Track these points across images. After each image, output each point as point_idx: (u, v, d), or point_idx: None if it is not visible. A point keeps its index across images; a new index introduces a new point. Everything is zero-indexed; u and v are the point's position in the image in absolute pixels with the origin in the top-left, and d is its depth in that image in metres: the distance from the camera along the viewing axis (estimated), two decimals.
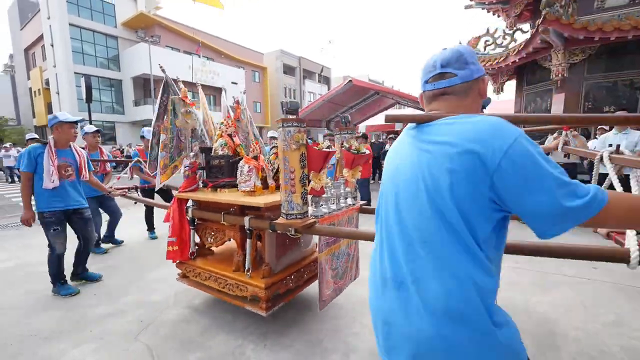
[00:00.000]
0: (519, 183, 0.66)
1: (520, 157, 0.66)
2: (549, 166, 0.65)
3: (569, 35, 6.23)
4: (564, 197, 0.63)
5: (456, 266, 0.70)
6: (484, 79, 0.86)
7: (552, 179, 0.65)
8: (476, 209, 0.69)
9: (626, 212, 0.66)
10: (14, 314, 2.34)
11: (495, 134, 0.68)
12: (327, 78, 38.07)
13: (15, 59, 30.11)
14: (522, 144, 0.67)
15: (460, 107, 0.82)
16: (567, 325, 2.07)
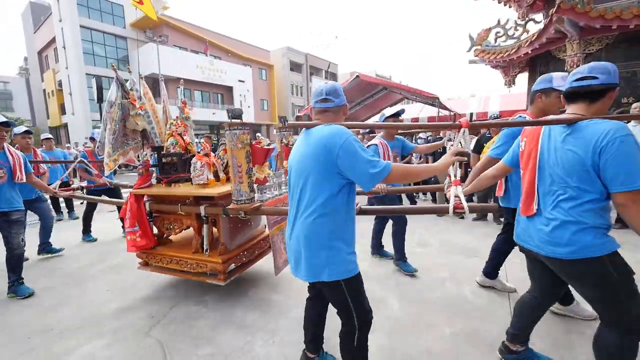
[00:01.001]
0: (352, 162, 1.22)
1: (348, 148, 1.22)
2: (364, 153, 1.23)
3: (585, 24, 6.01)
4: (370, 168, 1.21)
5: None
6: (346, 106, 1.48)
7: (363, 160, 1.22)
8: (328, 177, 1.27)
9: (401, 175, 1.28)
10: (28, 310, 2.41)
11: (335, 135, 1.24)
12: (334, 74, 37.84)
13: (30, 61, 30.90)
14: (349, 141, 1.23)
15: (333, 120, 1.39)
16: (583, 323, 2.01)
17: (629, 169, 1.13)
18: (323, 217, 1.28)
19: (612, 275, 1.25)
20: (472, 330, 1.97)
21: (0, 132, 2.65)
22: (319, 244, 1.29)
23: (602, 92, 1.26)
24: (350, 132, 1.27)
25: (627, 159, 1.13)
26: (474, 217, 4.58)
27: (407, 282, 2.69)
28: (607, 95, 1.27)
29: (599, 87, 1.25)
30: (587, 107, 1.30)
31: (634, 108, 3.82)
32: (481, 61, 8.66)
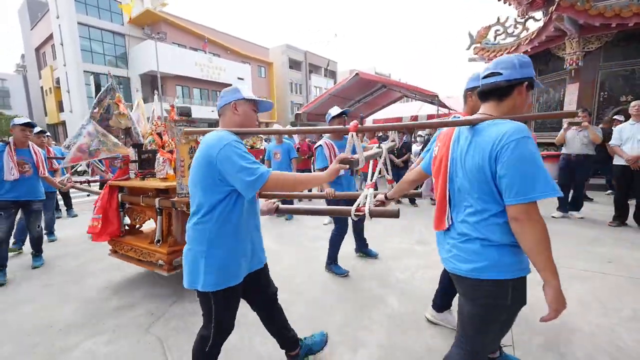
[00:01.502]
0: (229, 169, 1.19)
1: (225, 154, 1.19)
2: (240, 160, 1.18)
3: (584, 22, 6.02)
4: (246, 176, 1.17)
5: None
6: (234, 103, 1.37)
7: (239, 167, 1.18)
8: (212, 185, 1.23)
9: (282, 184, 1.24)
10: (31, 307, 2.41)
11: (215, 142, 1.21)
12: (334, 72, 37.76)
13: (27, 58, 30.70)
14: (228, 147, 1.19)
15: (227, 122, 1.38)
16: (581, 320, 2.02)
17: (524, 177, 0.96)
18: (204, 224, 1.25)
19: (506, 302, 1.10)
20: None
21: (24, 132, 3.07)
22: (197, 251, 1.27)
23: (508, 89, 1.11)
24: (232, 138, 1.22)
25: (522, 165, 0.97)
26: None
27: (406, 280, 2.70)
28: (516, 92, 1.11)
29: (504, 84, 1.10)
30: (496, 106, 1.14)
31: (632, 106, 3.82)
32: (481, 59, 8.65)
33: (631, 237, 3.57)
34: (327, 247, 2.87)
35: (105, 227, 2.59)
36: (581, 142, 4.25)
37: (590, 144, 4.23)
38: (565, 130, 4.41)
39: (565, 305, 1.09)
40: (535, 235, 0.98)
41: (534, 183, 0.96)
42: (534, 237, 0.98)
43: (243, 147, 1.24)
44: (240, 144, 1.25)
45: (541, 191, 0.95)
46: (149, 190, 2.53)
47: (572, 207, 4.46)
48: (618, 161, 3.92)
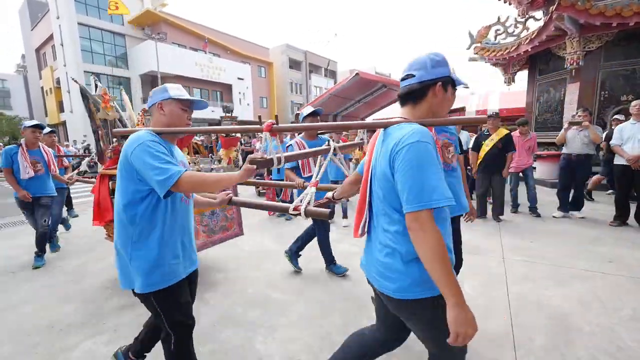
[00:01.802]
0: (141, 167, 1.18)
1: (138, 154, 1.19)
2: (152, 159, 1.17)
3: (585, 22, 6.01)
4: (156, 175, 1.16)
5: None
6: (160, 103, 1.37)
7: (151, 166, 1.17)
8: (131, 184, 1.24)
9: (191, 186, 1.20)
10: (31, 306, 2.41)
11: (132, 142, 1.22)
12: (334, 72, 37.76)
13: (27, 58, 30.74)
14: (140, 147, 1.19)
15: (154, 121, 1.39)
16: (582, 319, 2.02)
17: (412, 184, 0.90)
18: (126, 226, 1.26)
19: (444, 319, 0.94)
20: None
21: (35, 134, 3.30)
22: (124, 253, 1.27)
23: (422, 91, 1.04)
24: (147, 138, 1.20)
25: (411, 170, 0.91)
26: None
27: None
28: (430, 93, 1.04)
29: (417, 86, 1.04)
30: (412, 109, 1.08)
31: (633, 106, 3.82)
32: (481, 59, 8.65)
33: (632, 236, 3.57)
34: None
35: (98, 212, 2.72)
36: (582, 141, 4.25)
37: (591, 143, 4.23)
38: (566, 130, 4.41)
39: (469, 328, 0.93)
40: (427, 246, 0.89)
41: (421, 190, 0.89)
42: (426, 247, 0.90)
43: (159, 147, 1.21)
44: (157, 143, 1.22)
45: (427, 200, 0.89)
46: None
47: (572, 207, 4.45)
48: (619, 161, 3.92)
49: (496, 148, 4.26)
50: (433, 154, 0.93)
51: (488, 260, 3.04)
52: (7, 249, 3.77)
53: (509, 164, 4.33)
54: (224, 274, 2.90)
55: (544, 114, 7.96)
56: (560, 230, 3.87)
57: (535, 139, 4.84)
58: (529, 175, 4.70)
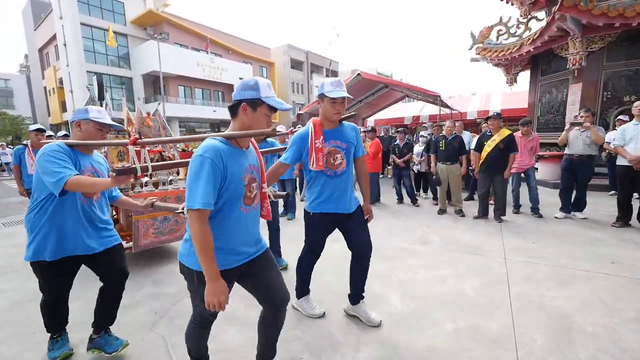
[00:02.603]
0: (41, 172, 1.51)
1: (38, 162, 1.50)
2: (49, 164, 1.47)
3: (588, 22, 6.00)
4: (49, 177, 1.45)
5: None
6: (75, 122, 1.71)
7: (48, 171, 1.46)
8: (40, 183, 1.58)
9: (79, 186, 1.47)
10: (36, 305, 2.42)
11: (40, 150, 1.53)
12: (335, 72, 37.76)
13: (30, 58, 30.89)
14: (42, 156, 1.50)
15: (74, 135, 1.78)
16: (584, 320, 2.02)
17: (187, 188, 1.18)
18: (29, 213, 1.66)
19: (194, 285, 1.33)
20: (473, 327, 1.99)
21: (38, 136, 3.88)
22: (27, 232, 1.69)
23: (234, 108, 1.29)
24: (50, 149, 1.52)
25: (188, 177, 1.19)
26: (474, 215, 4.59)
27: (408, 279, 2.70)
28: (241, 110, 1.28)
29: (232, 103, 1.30)
30: (234, 122, 1.32)
31: (635, 106, 3.81)
32: (483, 59, 8.64)
33: (634, 237, 3.56)
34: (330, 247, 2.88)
35: None
36: (584, 142, 4.23)
37: (593, 144, 4.21)
38: (568, 131, 4.40)
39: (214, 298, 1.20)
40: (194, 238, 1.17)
41: (189, 193, 1.16)
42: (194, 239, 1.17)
43: (59, 155, 1.50)
44: (60, 152, 1.52)
45: (189, 202, 1.16)
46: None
47: (575, 207, 4.44)
48: (621, 162, 3.91)
49: (498, 149, 4.25)
50: (200, 165, 1.16)
51: (490, 260, 3.04)
52: (10, 248, 3.80)
53: (511, 164, 4.32)
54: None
55: (546, 114, 7.94)
56: (562, 231, 3.87)
57: (537, 139, 4.84)
58: (531, 175, 4.70)
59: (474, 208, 4.79)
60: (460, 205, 4.80)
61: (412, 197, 5.63)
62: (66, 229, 1.63)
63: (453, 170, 4.77)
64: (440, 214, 4.89)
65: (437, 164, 4.96)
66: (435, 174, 5.02)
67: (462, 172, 4.90)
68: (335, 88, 1.83)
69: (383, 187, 6.33)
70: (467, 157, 4.99)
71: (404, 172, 5.74)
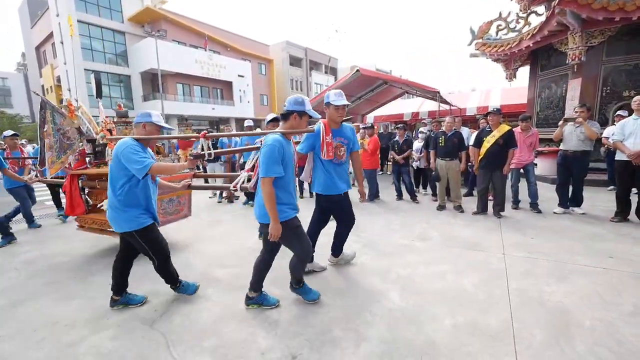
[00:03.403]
0: (125, 160, 2.00)
1: (120, 151, 2.01)
2: (133, 155, 1.98)
3: (587, 17, 5.96)
4: (135, 165, 1.97)
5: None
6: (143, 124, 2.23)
7: (134, 160, 1.97)
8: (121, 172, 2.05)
9: (160, 170, 2.09)
10: (36, 303, 2.44)
11: (119, 145, 2.06)
12: (334, 69, 37.61)
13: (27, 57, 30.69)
14: (125, 147, 2.00)
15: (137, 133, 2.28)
16: (582, 315, 2.03)
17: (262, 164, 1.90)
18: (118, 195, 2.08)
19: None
20: (472, 322, 2.00)
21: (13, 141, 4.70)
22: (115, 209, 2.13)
23: (287, 115, 2.05)
24: (130, 144, 2.03)
25: (261, 157, 1.93)
26: (474, 210, 4.59)
27: (407, 275, 2.71)
28: (292, 118, 2.04)
29: (284, 112, 2.06)
30: (283, 124, 2.10)
31: (634, 101, 3.80)
32: (482, 54, 8.60)
33: (633, 232, 3.57)
34: (327, 243, 2.89)
35: (71, 206, 3.24)
36: (578, 138, 4.23)
37: (587, 140, 4.19)
38: (562, 127, 4.39)
39: (277, 232, 1.94)
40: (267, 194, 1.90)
41: (265, 167, 1.88)
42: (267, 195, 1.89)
43: (138, 148, 2.03)
44: (137, 146, 2.05)
45: (266, 173, 1.87)
46: (104, 175, 3.18)
47: (572, 203, 4.45)
48: (620, 157, 3.91)
49: (497, 144, 4.25)
50: (268, 150, 1.89)
51: (489, 256, 3.05)
52: (9, 247, 3.81)
53: (510, 160, 4.32)
54: (225, 270, 2.92)
55: (546, 110, 7.93)
56: (561, 226, 3.88)
57: (536, 135, 4.83)
58: (530, 171, 4.70)
59: (473, 204, 4.79)
60: (459, 201, 4.80)
61: (411, 194, 5.64)
62: (148, 201, 2.17)
63: (452, 166, 4.77)
64: (440, 210, 4.89)
65: (437, 160, 4.96)
66: (434, 170, 5.02)
67: (461, 168, 4.90)
68: (338, 98, 2.44)
69: (382, 184, 6.32)
70: (466, 153, 4.99)
71: (403, 168, 5.73)
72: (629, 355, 1.66)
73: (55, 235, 4.30)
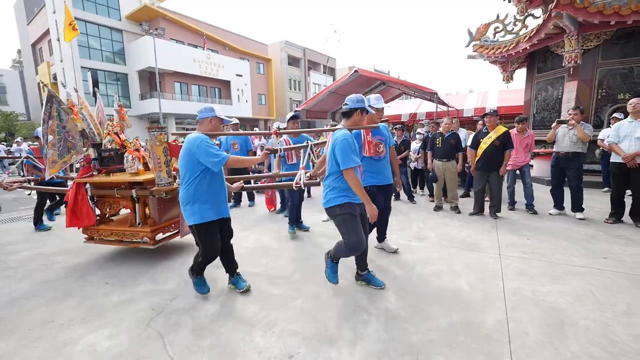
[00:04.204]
0: (201, 154, 2.14)
1: (195, 145, 2.13)
2: (209, 148, 2.14)
3: (584, 20, 6.02)
4: (212, 158, 2.14)
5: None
6: (209, 119, 2.36)
7: (211, 153, 2.13)
8: (191, 166, 2.18)
9: (234, 163, 2.31)
10: (32, 302, 2.42)
11: (193, 140, 2.16)
12: (333, 69, 37.61)
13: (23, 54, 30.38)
14: (200, 141, 2.13)
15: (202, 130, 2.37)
16: (576, 314, 2.06)
17: (341, 157, 2.10)
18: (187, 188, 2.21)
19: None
20: (468, 321, 2.02)
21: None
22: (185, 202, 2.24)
23: (350, 113, 2.24)
24: (204, 138, 2.15)
25: (339, 151, 2.10)
26: (470, 211, 4.62)
27: (404, 274, 2.73)
28: (355, 114, 2.24)
29: (347, 110, 2.25)
30: (345, 121, 2.28)
31: (629, 104, 3.85)
32: (480, 56, 8.65)
33: (627, 233, 3.61)
34: (326, 243, 2.90)
35: (73, 217, 3.00)
36: (570, 140, 4.25)
37: (580, 142, 4.22)
38: (555, 128, 4.43)
39: (374, 211, 2.19)
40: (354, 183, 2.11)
41: (346, 159, 2.08)
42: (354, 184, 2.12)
43: (212, 142, 2.17)
44: (210, 140, 2.20)
45: (348, 164, 2.08)
46: (121, 183, 3.04)
47: (573, 208, 4.36)
48: (615, 158, 3.95)
49: (494, 145, 4.28)
50: (346, 143, 2.09)
51: (485, 256, 3.07)
52: (6, 245, 3.78)
53: (507, 161, 4.35)
54: (222, 269, 2.91)
55: (542, 112, 7.99)
56: (556, 227, 3.91)
57: (532, 136, 4.87)
58: (526, 172, 4.74)
59: (469, 205, 4.82)
60: (456, 202, 4.83)
61: (408, 194, 5.66)
62: (219, 196, 2.27)
63: (449, 167, 4.80)
64: (437, 210, 4.92)
65: (434, 161, 4.98)
66: (431, 171, 5.05)
67: (458, 169, 4.94)
68: (379, 102, 2.77)
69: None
70: (463, 154, 5.02)
71: (400, 169, 5.75)
72: (621, 355, 1.69)
73: (51, 234, 4.27)
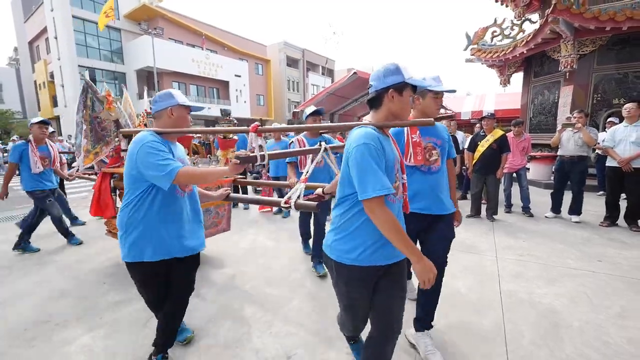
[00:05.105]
0: (141, 163, 1.40)
1: (134, 151, 1.42)
2: (152, 156, 1.38)
3: (580, 25, 6.10)
4: (155, 171, 1.37)
5: None
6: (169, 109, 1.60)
7: (152, 164, 1.37)
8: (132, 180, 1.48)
9: (186, 178, 1.40)
10: (28, 301, 2.40)
11: (136, 142, 1.44)
12: (331, 70, 37.71)
13: (20, 51, 30.18)
14: (142, 145, 1.41)
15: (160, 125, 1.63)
16: (571, 316, 2.08)
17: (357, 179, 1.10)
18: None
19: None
20: (465, 323, 2.03)
21: (41, 129, 3.47)
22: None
23: (378, 99, 1.21)
24: (148, 140, 1.42)
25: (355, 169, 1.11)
26: (467, 214, 4.65)
27: None
28: (387, 99, 1.19)
29: (373, 94, 1.22)
30: (374, 114, 1.24)
31: (625, 109, 3.89)
32: (477, 60, 8.72)
33: (621, 237, 3.65)
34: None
35: (98, 207, 2.89)
36: (575, 143, 4.29)
37: (585, 145, 4.26)
38: (560, 132, 4.47)
39: (429, 274, 1.13)
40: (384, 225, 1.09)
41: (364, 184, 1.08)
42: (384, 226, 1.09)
43: (158, 146, 1.42)
44: (158, 142, 1.44)
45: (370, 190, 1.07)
46: None
47: (571, 211, 4.36)
48: (610, 162, 4.00)
49: (491, 149, 4.31)
50: (365, 154, 1.09)
51: (482, 258, 3.09)
52: (1, 244, 3.74)
53: (504, 164, 4.38)
54: (220, 270, 2.91)
55: (538, 115, 8.07)
56: (552, 230, 3.95)
57: (529, 140, 4.91)
58: (522, 175, 4.77)
59: (467, 207, 4.85)
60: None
61: None
62: (176, 226, 1.53)
63: None
64: None
65: None
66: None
67: (455, 172, 4.97)
68: (438, 83, 1.67)
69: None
70: (460, 157, 5.05)
71: None
72: (615, 357, 1.71)
73: (47, 233, 4.24)
